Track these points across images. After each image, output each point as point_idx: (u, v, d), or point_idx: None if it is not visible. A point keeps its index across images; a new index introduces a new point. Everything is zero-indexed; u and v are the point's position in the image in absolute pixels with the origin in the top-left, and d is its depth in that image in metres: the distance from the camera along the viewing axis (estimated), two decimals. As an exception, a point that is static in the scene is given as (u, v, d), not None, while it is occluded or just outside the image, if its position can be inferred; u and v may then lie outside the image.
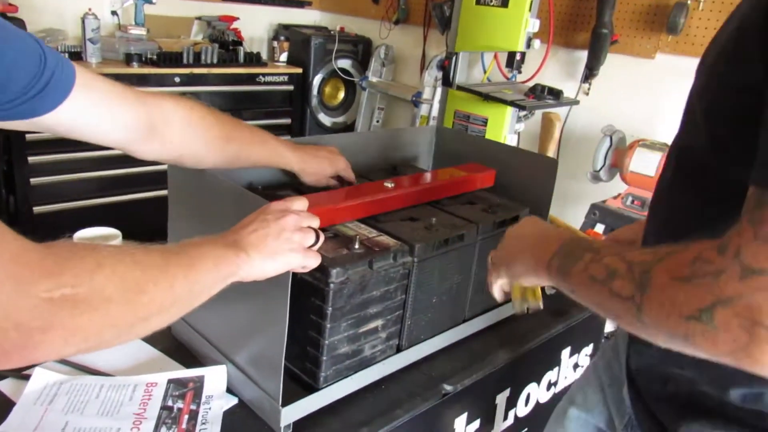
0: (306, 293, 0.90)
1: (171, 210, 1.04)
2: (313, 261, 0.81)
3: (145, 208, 2.98)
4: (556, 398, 1.42)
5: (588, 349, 1.53)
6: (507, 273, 0.89)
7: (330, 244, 0.93)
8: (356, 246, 0.93)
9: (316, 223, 0.84)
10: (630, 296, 0.60)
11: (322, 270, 0.87)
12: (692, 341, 0.54)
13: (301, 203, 0.85)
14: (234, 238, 0.76)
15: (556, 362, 1.41)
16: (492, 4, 2.42)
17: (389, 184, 1.12)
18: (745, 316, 0.50)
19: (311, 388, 0.93)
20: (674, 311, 0.55)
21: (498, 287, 0.93)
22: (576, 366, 1.50)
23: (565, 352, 1.43)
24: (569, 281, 0.72)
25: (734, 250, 0.53)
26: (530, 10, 2.35)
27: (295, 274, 0.82)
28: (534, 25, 2.38)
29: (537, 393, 1.35)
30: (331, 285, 0.86)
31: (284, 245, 0.77)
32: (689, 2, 2.31)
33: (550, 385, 1.40)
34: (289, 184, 1.17)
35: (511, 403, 1.27)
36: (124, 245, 0.68)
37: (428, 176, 1.24)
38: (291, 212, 0.81)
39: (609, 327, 1.59)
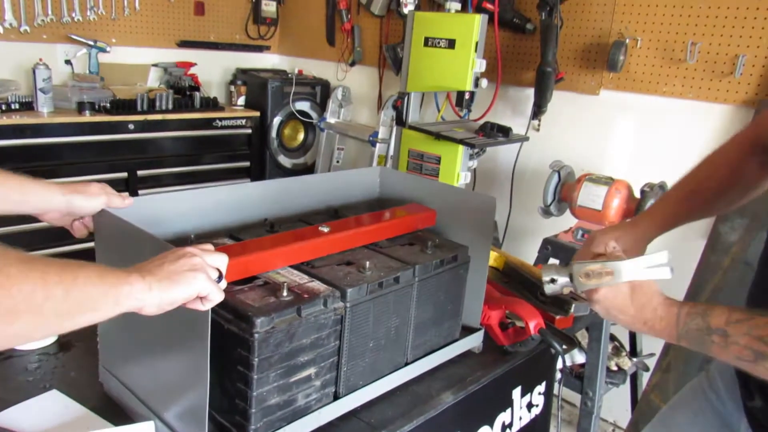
0: (231, 344, 0.87)
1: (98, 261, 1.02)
2: (216, 293, 0.76)
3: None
4: (512, 441, 1.40)
5: (541, 388, 1.51)
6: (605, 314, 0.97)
7: (257, 293, 0.91)
8: (284, 293, 0.91)
9: (222, 261, 0.80)
10: None
11: (246, 320, 0.85)
12: None
13: (207, 246, 0.82)
14: (128, 269, 0.73)
15: (507, 403, 1.39)
16: (440, 45, 2.47)
17: (324, 229, 1.10)
18: None
19: (241, 443, 0.90)
20: None
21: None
22: (530, 405, 1.48)
23: (516, 392, 1.41)
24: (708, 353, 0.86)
25: None
26: (476, 51, 2.41)
27: (218, 325, 0.80)
28: (481, 65, 2.44)
29: (491, 437, 1.32)
30: (256, 335, 0.84)
31: (182, 267, 0.74)
32: (627, 41, 2.39)
33: (504, 428, 1.37)
34: (224, 232, 1.15)
35: (464, 448, 1.24)
36: None
37: (366, 218, 1.24)
38: (192, 249, 0.78)
39: (561, 363, 1.58)
